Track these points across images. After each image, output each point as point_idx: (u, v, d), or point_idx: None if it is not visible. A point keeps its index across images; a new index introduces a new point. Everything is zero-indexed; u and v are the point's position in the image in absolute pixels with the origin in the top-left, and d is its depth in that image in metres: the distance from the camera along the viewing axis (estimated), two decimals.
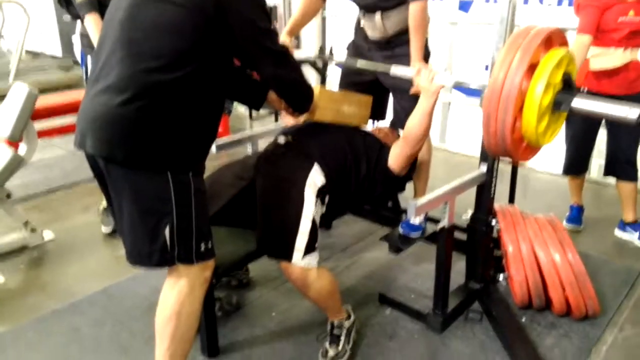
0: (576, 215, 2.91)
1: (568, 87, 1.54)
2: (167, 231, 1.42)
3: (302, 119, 2.16)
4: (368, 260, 2.60)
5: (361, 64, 2.25)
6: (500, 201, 2.25)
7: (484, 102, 1.51)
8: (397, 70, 2.07)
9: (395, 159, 1.95)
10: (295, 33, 2.37)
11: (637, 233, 2.71)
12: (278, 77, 1.62)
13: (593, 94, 2.47)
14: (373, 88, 2.40)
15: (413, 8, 2.08)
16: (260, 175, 1.86)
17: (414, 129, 1.89)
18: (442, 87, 1.85)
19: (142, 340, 2.02)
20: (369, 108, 2.24)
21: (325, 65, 4.50)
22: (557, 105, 1.53)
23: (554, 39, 1.55)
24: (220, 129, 1.66)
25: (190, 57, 1.39)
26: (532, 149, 1.68)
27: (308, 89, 1.79)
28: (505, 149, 1.54)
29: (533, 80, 1.46)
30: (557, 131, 1.66)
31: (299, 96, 1.78)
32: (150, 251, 1.44)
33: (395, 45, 2.26)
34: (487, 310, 2.14)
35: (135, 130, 1.37)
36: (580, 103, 1.52)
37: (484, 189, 2.06)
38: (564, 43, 1.60)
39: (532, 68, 1.47)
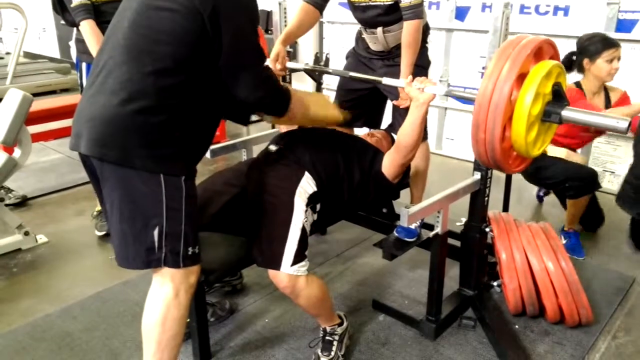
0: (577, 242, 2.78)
1: (558, 97, 1.53)
2: (155, 233, 1.42)
3: (296, 125, 2.15)
4: (362, 266, 2.60)
5: (353, 75, 2.25)
6: (495, 208, 2.26)
7: (474, 111, 1.50)
8: (388, 81, 2.07)
9: (388, 167, 1.94)
10: (289, 42, 2.36)
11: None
12: (255, 100, 1.56)
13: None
14: (371, 96, 2.42)
15: (407, 26, 2.10)
16: (251, 183, 1.86)
17: (405, 139, 1.87)
18: (433, 97, 1.84)
19: (134, 346, 2.01)
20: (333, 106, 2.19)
21: (321, 72, 4.50)
22: (547, 115, 1.53)
23: (544, 50, 1.56)
24: (217, 133, 1.66)
25: (186, 64, 1.41)
26: (522, 159, 1.68)
27: (285, 97, 1.71)
28: (495, 158, 1.53)
29: (522, 89, 1.46)
30: (547, 142, 1.66)
31: (274, 107, 1.72)
32: (137, 252, 1.44)
33: (396, 55, 2.27)
34: (481, 317, 2.14)
35: (130, 130, 1.37)
36: (570, 113, 1.52)
37: (478, 197, 2.06)
38: (554, 55, 1.60)
39: (521, 78, 1.47)
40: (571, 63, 2.65)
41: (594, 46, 2.54)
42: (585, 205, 2.69)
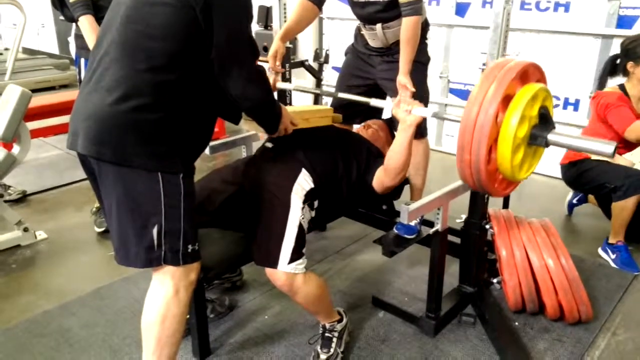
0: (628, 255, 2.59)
1: (544, 121, 1.54)
2: (154, 231, 1.42)
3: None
4: (361, 263, 2.60)
5: (342, 96, 2.27)
6: (494, 205, 2.25)
7: (459, 132, 1.49)
8: (376, 102, 2.09)
9: (377, 184, 1.93)
10: (288, 39, 2.36)
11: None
12: (246, 96, 1.54)
13: None
14: (370, 93, 2.41)
15: (406, 22, 2.09)
16: (248, 180, 1.85)
17: (393, 161, 1.86)
18: (420, 120, 1.83)
19: (133, 343, 2.01)
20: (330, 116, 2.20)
21: (320, 68, 4.51)
22: (533, 138, 1.53)
23: (530, 73, 1.55)
24: (216, 129, 1.65)
25: (181, 60, 1.40)
26: (508, 183, 1.67)
27: (277, 111, 1.74)
28: (480, 180, 1.52)
29: (508, 111, 1.46)
30: (534, 166, 1.65)
31: (267, 117, 1.73)
32: (137, 250, 1.43)
33: (395, 52, 2.26)
34: (481, 314, 2.14)
35: (127, 129, 1.37)
36: (557, 138, 1.52)
37: (478, 194, 2.05)
38: (540, 78, 1.60)
39: (507, 100, 1.47)
40: (614, 67, 2.61)
41: None
42: (633, 211, 2.54)
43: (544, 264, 2.02)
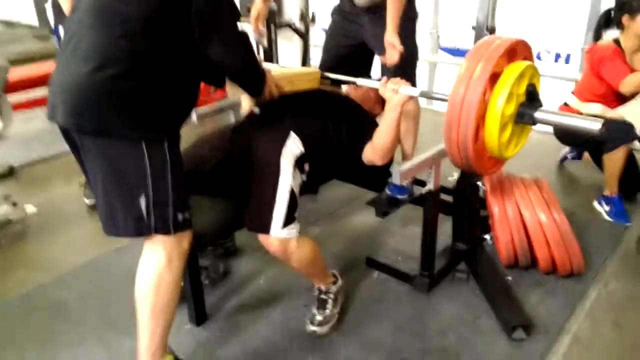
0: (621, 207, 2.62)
1: (532, 99, 1.52)
2: (142, 202, 1.39)
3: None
4: (355, 224, 2.60)
5: (327, 75, 2.13)
6: None
7: (447, 111, 1.49)
8: (363, 82, 2.03)
9: (367, 161, 1.90)
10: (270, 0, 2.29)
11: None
12: (226, 62, 1.50)
13: None
14: (359, 50, 2.37)
15: None
16: (236, 147, 1.82)
17: (381, 140, 1.83)
18: (407, 99, 1.79)
19: (129, 313, 1.99)
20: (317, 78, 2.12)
21: (307, 30, 4.40)
22: (521, 116, 1.52)
23: (518, 50, 1.53)
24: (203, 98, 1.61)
25: (156, 25, 1.35)
26: (496, 161, 1.67)
27: (261, 75, 1.69)
28: (468, 158, 1.52)
29: (495, 89, 1.45)
30: (521, 143, 1.64)
31: (251, 82, 1.69)
32: (125, 221, 1.42)
33: (382, 9, 2.20)
34: (474, 270, 2.16)
35: (106, 99, 1.33)
36: (544, 115, 1.51)
37: None
38: (528, 56, 1.58)
39: (495, 78, 1.45)
40: (608, 20, 2.57)
41: (636, 2, 2.42)
42: (623, 161, 2.52)
43: (537, 219, 2.03)
